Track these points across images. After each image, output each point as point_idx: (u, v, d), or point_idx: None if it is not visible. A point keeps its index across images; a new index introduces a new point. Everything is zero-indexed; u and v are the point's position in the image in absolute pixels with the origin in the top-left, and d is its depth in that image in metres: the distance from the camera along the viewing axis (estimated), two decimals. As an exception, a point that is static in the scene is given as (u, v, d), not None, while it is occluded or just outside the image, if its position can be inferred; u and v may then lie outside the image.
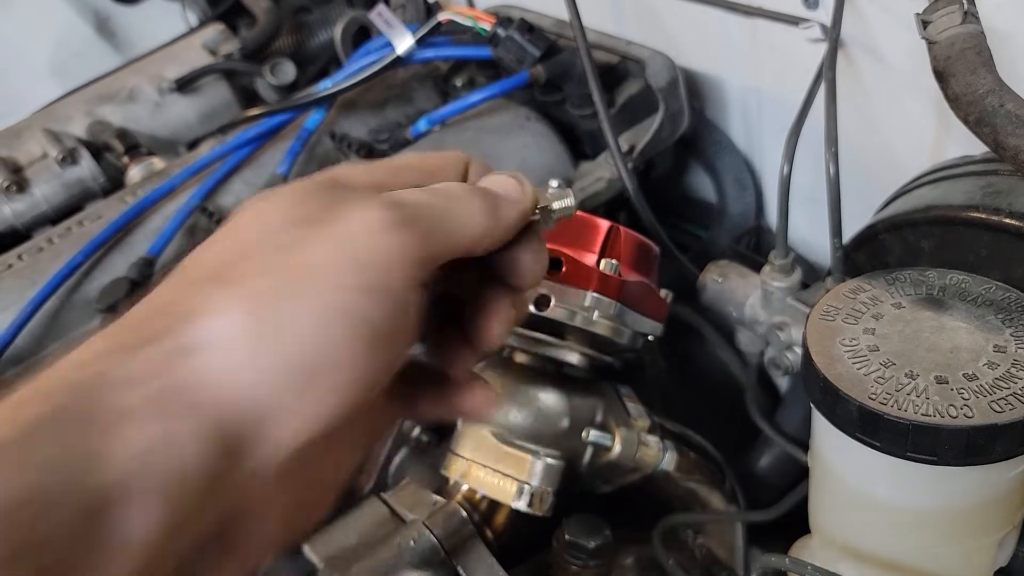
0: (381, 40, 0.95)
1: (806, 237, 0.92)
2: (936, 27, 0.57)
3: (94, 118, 1.08)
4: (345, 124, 0.98)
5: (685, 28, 0.92)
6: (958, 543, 0.53)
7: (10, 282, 0.83)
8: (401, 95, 1.02)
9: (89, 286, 0.83)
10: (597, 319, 0.60)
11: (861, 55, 0.75)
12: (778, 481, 0.81)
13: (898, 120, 0.76)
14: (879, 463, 0.48)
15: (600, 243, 0.62)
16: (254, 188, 0.92)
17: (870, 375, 0.48)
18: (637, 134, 0.88)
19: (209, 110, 1.13)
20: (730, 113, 0.96)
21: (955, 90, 0.55)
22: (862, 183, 0.76)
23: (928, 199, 0.62)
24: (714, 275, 0.74)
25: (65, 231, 0.89)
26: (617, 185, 0.86)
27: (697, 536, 0.73)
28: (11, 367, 0.79)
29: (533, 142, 0.88)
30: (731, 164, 0.96)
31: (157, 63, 1.15)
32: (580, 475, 0.64)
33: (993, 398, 0.46)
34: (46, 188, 1.00)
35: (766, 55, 0.86)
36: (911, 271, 0.55)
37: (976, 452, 0.46)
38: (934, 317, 0.51)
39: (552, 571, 0.66)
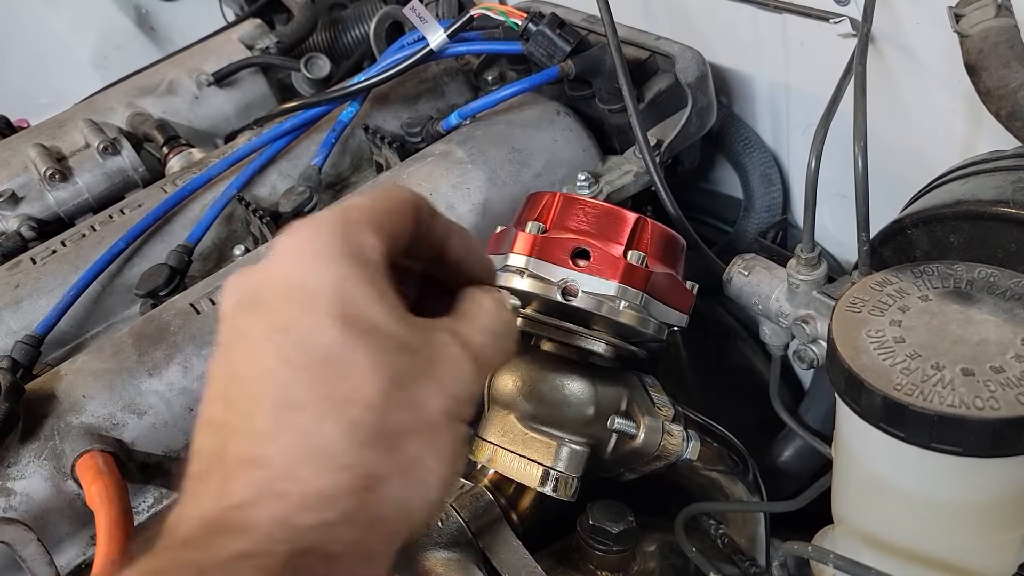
0: (414, 35, 0.97)
1: (832, 232, 0.92)
2: (969, 21, 0.57)
3: (134, 110, 1.11)
4: (378, 117, 1.00)
5: (715, 24, 0.93)
6: (982, 536, 0.53)
7: (54, 267, 0.86)
8: (433, 89, 1.04)
9: (130, 272, 0.86)
10: (623, 309, 0.61)
11: (891, 50, 0.75)
12: (800, 473, 0.81)
13: (928, 115, 0.76)
14: (904, 454, 0.49)
15: (627, 235, 0.63)
16: (290, 179, 0.94)
17: (896, 366, 0.49)
18: (665, 129, 0.88)
19: (246, 103, 1.15)
20: (758, 109, 0.96)
21: (987, 84, 0.55)
22: (890, 178, 0.75)
23: (957, 194, 0.62)
24: (740, 268, 0.74)
25: (107, 219, 0.92)
26: (644, 179, 0.86)
27: (719, 525, 0.73)
28: (55, 350, 0.82)
29: (562, 136, 0.89)
30: (758, 159, 0.96)
31: (195, 57, 1.18)
32: (604, 462, 0.65)
33: (1020, 390, 0.46)
34: (88, 177, 1.03)
35: (795, 51, 0.86)
36: (939, 264, 0.55)
37: (1002, 444, 0.46)
38: (961, 310, 0.52)
39: (576, 555, 0.67)
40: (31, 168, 1.02)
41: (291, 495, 0.32)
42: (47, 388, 0.68)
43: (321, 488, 0.32)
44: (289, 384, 0.33)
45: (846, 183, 0.67)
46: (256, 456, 0.33)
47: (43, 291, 0.84)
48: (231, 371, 0.35)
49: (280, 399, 0.33)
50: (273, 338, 0.33)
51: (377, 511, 0.33)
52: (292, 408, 0.33)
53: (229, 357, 0.35)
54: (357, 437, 0.33)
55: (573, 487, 0.62)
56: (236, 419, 0.34)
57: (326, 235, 0.35)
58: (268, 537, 0.31)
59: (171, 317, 0.72)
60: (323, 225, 0.35)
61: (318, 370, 0.33)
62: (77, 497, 0.64)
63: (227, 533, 0.31)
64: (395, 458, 0.34)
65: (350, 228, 0.36)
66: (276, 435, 0.33)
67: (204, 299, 0.74)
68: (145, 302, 0.83)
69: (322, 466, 0.32)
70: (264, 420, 0.33)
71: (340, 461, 0.33)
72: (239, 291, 0.36)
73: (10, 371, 0.70)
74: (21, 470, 0.64)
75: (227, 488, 0.32)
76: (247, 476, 0.32)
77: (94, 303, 0.84)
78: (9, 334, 0.81)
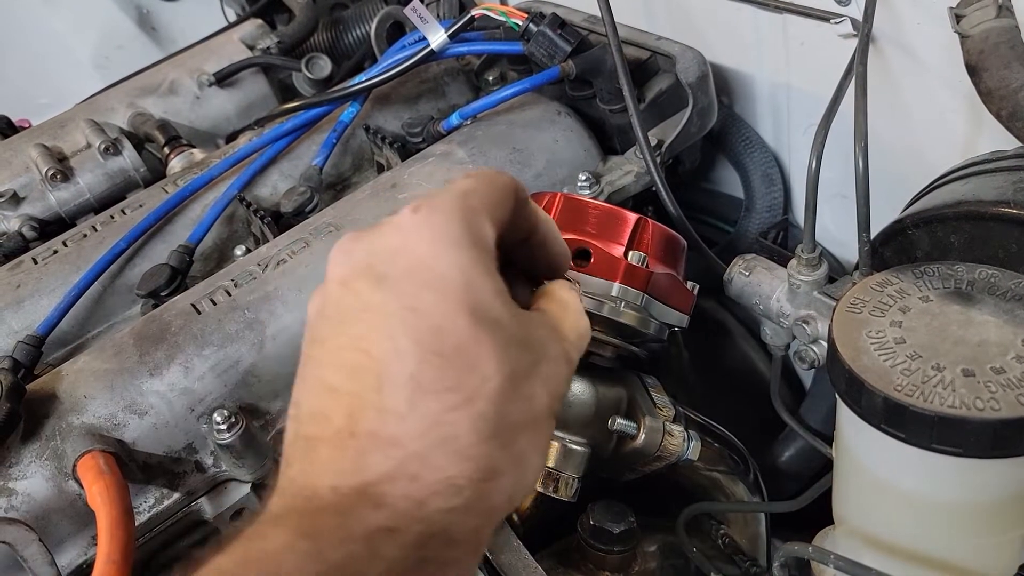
0: (415, 35, 0.97)
1: (833, 233, 0.92)
2: (970, 21, 0.57)
3: (136, 110, 1.11)
4: (379, 117, 1.00)
5: (715, 24, 0.93)
6: (982, 537, 0.53)
7: (55, 268, 0.86)
8: (434, 89, 1.04)
9: (131, 272, 0.86)
10: (624, 309, 0.61)
11: (892, 50, 0.75)
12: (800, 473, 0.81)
13: (928, 115, 0.76)
14: (904, 455, 0.49)
15: (628, 235, 0.63)
16: (291, 179, 0.94)
17: (896, 367, 0.49)
18: (666, 129, 0.88)
19: (247, 103, 1.15)
20: (759, 109, 0.96)
21: (988, 84, 0.55)
22: (891, 178, 0.76)
23: (958, 194, 0.62)
24: (741, 269, 0.74)
25: (108, 219, 0.92)
26: (645, 179, 0.86)
27: (720, 526, 0.74)
28: (56, 350, 0.82)
29: (563, 136, 0.89)
30: (759, 159, 0.97)
31: (196, 57, 1.18)
32: (605, 462, 0.65)
33: (1021, 391, 0.46)
34: (90, 177, 1.03)
35: (796, 51, 0.86)
36: (939, 265, 0.55)
37: (1002, 445, 0.46)
38: (962, 311, 0.52)
39: (576, 556, 0.67)
40: (32, 168, 1.02)
41: (423, 479, 0.33)
42: (48, 388, 0.68)
43: (451, 476, 0.33)
44: (422, 367, 0.33)
45: (847, 183, 0.67)
46: (390, 435, 0.33)
47: (44, 291, 0.84)
48: (353, 340, 0.34)
49: (412, 381, 0.33)
50: (404, 317, 0.34)
51: (491, 501, 0.35)
52: (424, 392, 0.33)
53: (350, 325, 0.35)
54: (482, 430, 0.34)
55: (573, 487, 0.62)
56: (363, 392, 0.34)
57: (450, 219, 0.35)
58: (404, 515, 0.33)
59: (172, 317, 0.73)
60: (446, 208, 0.36)
61: (449, 358, 0.34)
62: (78, 497, 0.64)
63: (365, 507, 0.32)
64: (510, 452, 0.35)
65: (472, 215, 0.36)
66: (408, 417, 0.33)
67: (205, 299, 0.74)
68: (146, 302, 0.83)
69: (452, 455, 0.33)
70: (396, 399, 0.33)
71: (467, 452, 0.34)
72: (355, 258, 0.36)
73: (11, 371, 0.71)
74: (23, 470, 0.64)
75: (363, 462, 0.33)
76: (382, 452, 0.33)
77: (95, 303, 0.85)
78: (10, 334, 0.81)
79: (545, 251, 0.43)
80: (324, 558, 0.31)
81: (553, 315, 0.40)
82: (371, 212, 0.81)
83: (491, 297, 0.35)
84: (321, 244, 0.78)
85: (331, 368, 0.35)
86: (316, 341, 0.36)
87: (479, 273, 0.35)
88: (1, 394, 0.63)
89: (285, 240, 0.79)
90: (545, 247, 0.42)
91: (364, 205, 0.82)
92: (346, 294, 0.36)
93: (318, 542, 0.31)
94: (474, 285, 0.35)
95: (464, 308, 0.34)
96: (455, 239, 0.35)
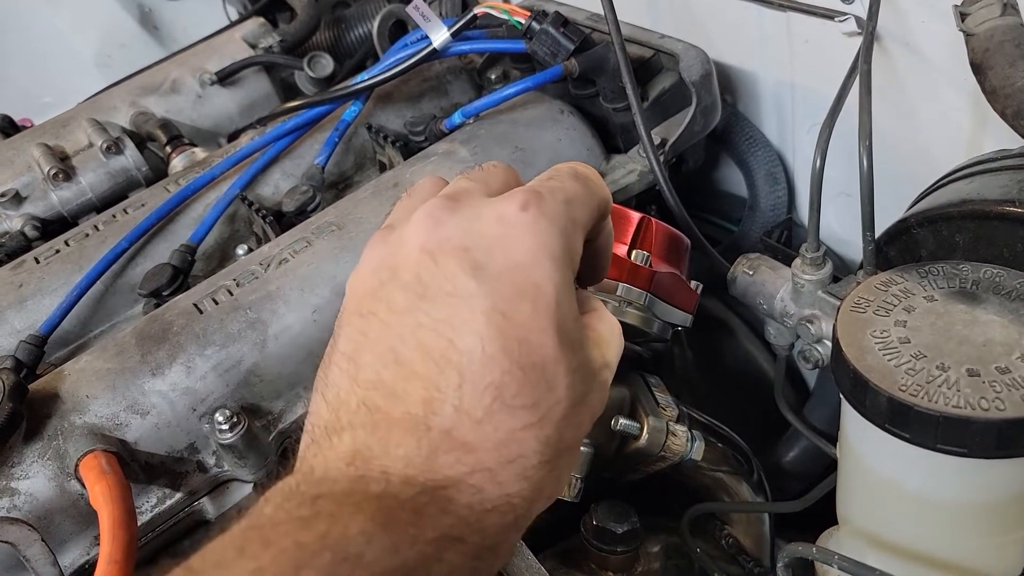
0: (417, 33, 0.97)
1: (837, 232, 0.92)
2: (974, 19, 0.56)
3: (138, 109, 1.11)
4: (381, 116, 1.00)
5: (719, 22, 0.92)
6: (987, 537, 0.53)
7: (57, 267, 0.86)
8: (436, 88, 1.04)
9: (133, 272, 0.86)
10: (627, 309, 0.61)
11: (896, 48, 0.75)
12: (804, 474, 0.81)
13: (933, 114, 0.76)
14: (909, 455, 0.49)
15: (631, 234, 0.63)
16: (293, 178, 0.94)
17: (901, 367, 0.48)
18: (669, 128, 0.88)
19: (249, 102, 1.15)
20: (763, 107, 0.96)
21: (993, 83, 0.54)
22: (895, 177, 0.75)
23: (963, 193, 0.62)
24: (745, 268, 0.74)
25: (110, 218, 0.91)
26: (648, 178, 0.86)
27: (724, 526, 0.73)
28: (58, 349, 0.82)
29: (566, 135, 0.89)
30: (763, 158, 0.96)
31: (198, 56, 1.18)
32: (608, 462, 0.65)
33: (1025, 391, 0.46)
34: (92, 177, 1.03)
35: (800, 49, 0.86)
36: (944, 264, 0.55)
37: (1007, 445, 0.46)
38: (967, 310, 0.51)
39: (580, 556, 0.67)
40: (35, 167, 1.02)
41: (487, 493, 0.33)
42: (51, 388, 0.68)
43: (510, 494, 0.33)
44: (505, 379, 0.33)
45: (851, 182, 0.66)
46: (464, 439, 0.33)
47: (46, 291, 0.84)
48: (435, 322, 0.33)
49: (494, 390, 0.33)
50: (496, 320, 0.33)
51: (530, 518, 0.35)
52: (503, 404, 0.33)
53: (434, 304, 0.34)
54: (544, 453, 0.34)
55: (577, 487, 0.61)
56: (443, 384, 0.33)
57: (554, 229, 0.35)
58: (465, 524, 0.32)
59: (174, 317, 0.72)
60: (553, 216, 0.35)
61: (531, 375, 0.33)
62: (81, 497, 0.64)
63: (435, 509, 0.32)
64: (554, 474, 0.35)
65: (573, 228, 0.36)
66: (484, 425, 0.33)
67: (207, 299, 0.74)
68: (148, 302, 0.83)
69: (517, 473, 0.33)
70: (475, 403, 0.33)
71: (528, 472, 0.34)
72: (448, 232, 0.35)
73: (14, 371, 0.71)
74: (25, 470, 0.64)
75: (435, 460, 0.33)
76: (454, 456, 0.33)
77: (97, 303, 0.84)
78: (13, 334, 0.81)
79: (598, 258, 0.42)
80: (399, 555, 0.30)
81: (603, 339, 0.39)
82: (373, 211, 0.81)
83: (573, 320, 0.35)
84: (323, 243, 0.78)
85: (408, 343, 0.34)
86: (385, 303, 0.35)
87: (567, 293, 0.35)
88: (4, 394, 0.63)
89: (287, 239, 0.79)
90: (599, 255, 0.42)
91: (366, 204, 0.82)
92: (433, 268, 0.34)
93: (394, 538, 0.30)
94: (563, 305, 0.34)
95: (552, 327, 0.34)
96: (555, 254, 0.35)
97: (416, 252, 0.35)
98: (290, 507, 0.31)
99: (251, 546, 0.30)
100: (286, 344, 0.71)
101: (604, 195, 0.40)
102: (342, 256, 0.76)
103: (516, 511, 0.34)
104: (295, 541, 0.29)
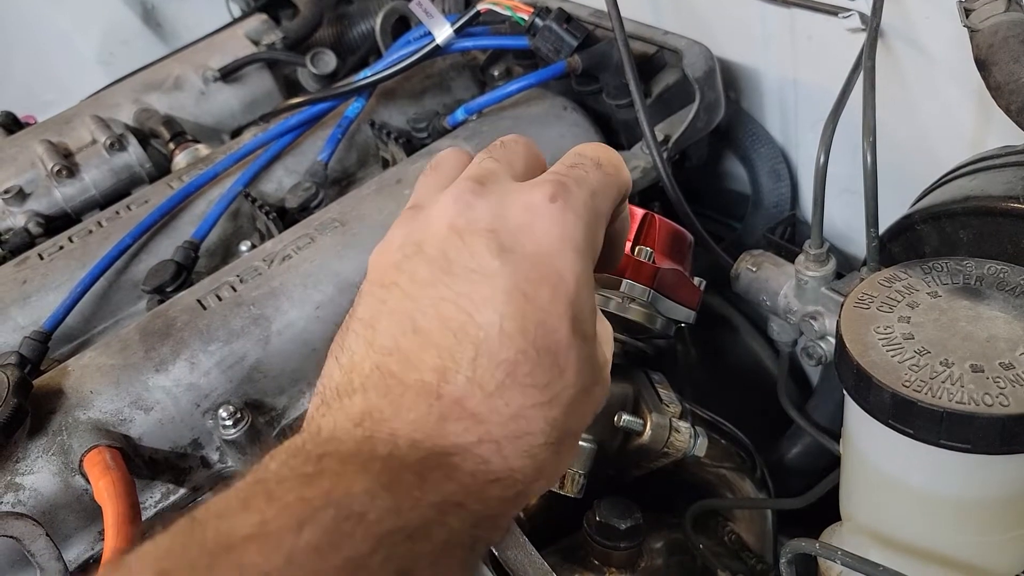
0: (420, 30, 0.97)
1: (841, 228, 0.92)
2: (979, 15, 0.56)
3: (141, 106, 1.11)
4: (384, 113, 1.00)
5: (722, 18, 0.92)
6: (990, 533, 0.53)
7: (61, 264, 0.86)
8: (439, 84, 1.04)
9: (136, 268, 0.86)
10: (631, 305, 0.61)
11: (900, 44, 0.74)
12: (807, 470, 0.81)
13: (937, 110, 0.76)
14: (912, 451, 0.49)
15: (634, 231, 0.63)
16: (296, 175, 0.94)
17: (904, 363, 0.48)
18: (673, 124, 0.88)
19: (252, 99, 1.15)
20: (766, 104, 0.96)
21: (997, 79, 0.54)
22: (899, 173, 0.75)
23: (967, 189, 0.62)
24: (748, 264, 0.74)
25: (113, 215, 0.92)
26: (652, 175, 0.86)
27: (727, 522, 0.73)
28: (62, 345, 0.83)
29: (569, 132, 0.89)
30: (766, 155, 0.96)
31: (202, 52, 1.18)
32: (611, 458, 0.65)
33: (1029, 387, 0.46)
34: (95, 173, 1.03)
35: (804, 45, 0.86)
36: (948, 260, 0.55)
37: (1011, 441, 0.46)
38: (971, 306, 0.51)
39: (582, 552, 0.67)
40: (38, 164, 1.02)
41: (492, 463, 0.34)
42: (55, 384, 0.68)
43: (513, 469, 0.34)
44: (519, 357, 0.34)
45: (855, 179, 0.66)
46: (476, 411, 0.33)
47: (50, 287, 0.84)
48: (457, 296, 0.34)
49: (508, 365, 0.33)
50: (516, 300, 0.34)
51: (528, 499, 0.36)
52: (515, 380, 0.34)
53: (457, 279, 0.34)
54: (550, 434, 0.35)
55: (579, 483, 0.61)
56: (458, 355, 0.34)
57: (579, 222, 0.36)
58: (468, 492, 0.33)
59: (177, 313, 0.73)
60: (579, 209, 0.36)
61: (545, 357, 0.34)
62: (85, 492, 0.64)
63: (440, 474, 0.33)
64: (556, 457, 0.36)
65: (597, 221, 0.37)
66: (495, 399, 0.33)
67: (211, 295, 0.74)
68: (152, 298, 0.83)
69: (522, 449, 0.34)
70: (487, 377, 0.33)
71: (532, 451, 0.34)
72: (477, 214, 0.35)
73: (18, 367, 0.71)
74: (29, 465, 0.64)
75: (443, 427, 0.33)
76: (463, 424, 0.33)
77: (101, 299, 0.85)
78: (17, 330, 0.81)
79: (614, 243, 0.43)
80: (402, 516, 0.31)
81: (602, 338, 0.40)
82: (377, 208, 0.81)
83: (589, 312, 0.36)
84: (326, 240, 0.78)
85: (427, 313, 0.34)
86: (407, 275, 0.35)
87: (587, 286, 0.36)
88: (8, 389, 0.63)
89: (290, 236, 0.79)
90: (615, 240, 0.43)
91: (369, 201, 0.82)
92: (459, 245, 0.35)
93: (397, 499, 0.31)
94: (581, 296, 0.35)
95: (569, 314, 0.34)
96: (579, 246, 0.35)
97: (444, 230, 0.36)
98: (295, 464, 0.32)
99: (255, 500, 0.30)
100: (289, 340, 0.72)
101: (625, 181, 0.40)
102: (345, 252, 0.76)
103: (517, 487, 0.34)
104: (299, 496, 0.30)
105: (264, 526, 0.29)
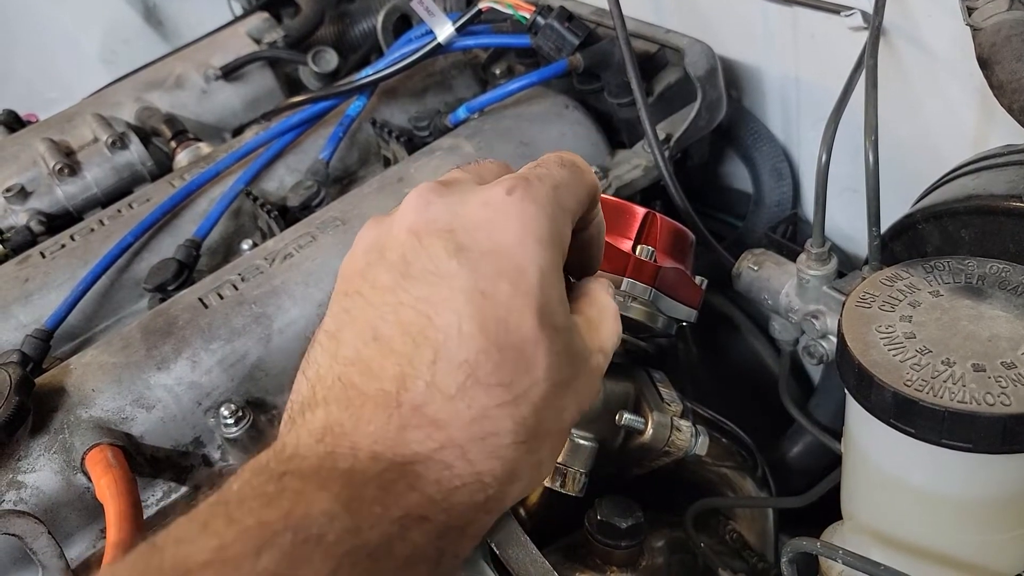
0: (422, 28, 0.97)
1: (842, 227, 0.92)
2: (981, 14, 0.56)
3: (142, 104, 1.11)
4: (386, 111, 1.00)
5: (724, 17, 0.92)
6: (992, 533, 0.53)
7: (63, 262, 0.86)
8: (441, 83, 1.04)
9: (138, 266, 0.86)
10: (632, 304, 0.61)
11: (903, 43, 0.74)
12: (809, 469, 0.81)
13: (939, 108, 0.75)
14: (914, 450, 0.49)
15: (636, 229, 0.63)
16: (297, 173, 0.94)
17: (906, 362, 0.48)
18: (674, 123, 0.88)
19: (253, 97, 1.15)
20: (768, 102, 0.96)
21: (1000, 77, 0.54)
22: (901, 172, 0.75)
23: (969, 188, 0.62)
24: (750, 263, 0.74)
25: (115, 213, 0.92)
26: (653, 173, 0.86)
27: (728, 521, 0.73)
28: (64, 344, 0.83)
29: (571, 130, 0.89)
30: (768, 153, 0.96)
31: (203, 51, 1.18)
32: (612, 457, 0.65)
33: (1031, 387, 0.46)
34: (97, 171, 1.03)
35: (806, 44, 0.86)
36: (950, 259, 0.55)
37: (1013, 440, 0.46)
38: (972, 305, 0.51)
39: (583, 551, 0.67)
40: (40, 162, 1.02)
41: (456, 469, 0.33)
42: (57, 382, 0.68)
43: (481, 473, 0.33)
44: (479, 357, 0.33)
45: (857, 177, 0.66)
46: (435, 415, 0.33)
47: (52, 285, 0.84)
48: (415, 300, 0.34)
49: (468, 367, 0.33)
50: (474, 299, 0.33)
51: (504, 502, 0.35)
52: (476, 381, 0.33)
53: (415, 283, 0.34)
54: (519, 433, 0.34)
55: (581, 482, 0.61)
56: (417, 360, 0.33)
57: (541, 213, 0.35)
58: (432, 502, 0.32)
59: (179, 311, 0.73)
60: (540, 200, 0.35)
61: (508, 355, 0.33)
62: (87, 490, 0.64)
63: (402, 486, 0.32)
64: (533, 458, 0.35)
65: (560, 214, 0.36)
66: (457, 402, 0.33)
67: (212, 293, 0.74)
68: (153, 296, 0.83)
69: (488, 452, 0.33)
70: (448, 380, 0.33)
71: (501, 452, 0.33)
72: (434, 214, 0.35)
73: (20, 365, 0.71)
74: (31, 463, 0.64)
75: (404, 436, 0.33)
76: (424, 431, 0.33)
77: (103, 297, 0.85)
78: (19, 328, 0.81)
79: (589, 249, 0.42)
80: (361, 535, 0.30)
81: (594, 322, 0.39)
82: (378, 206, 0.81)
83: (557, 303, 0.35)
84: (328, 238, 0.78)
85: (387, 320, 0.34)
86: (369, 282, 0.35)
87: (553, 276, 0.35)
88: (10, 387, 0.63)
89: (292, 234, 0.79)
90: (590, 245, 0.42)
91: (371, 199, 0.82)
92: (417, 248, 0.35)
93: (357, 518, 0.30)
94: (546, 287, 0.34)
95: (533, 308, 0.34)
96: (541, 237, 0.35)
97: (404, 233, 0.35)
98: (257, 483, 0.31)
99: (215, 522, 0.30)
100: (291, 339, 0.72)
101: (592, 182, 0.40)
102: (347, 251, 0.76)
103: (487, 491, 0.33)
104: (258, 520, 0.29)
105: (222, 551, 0.28)
